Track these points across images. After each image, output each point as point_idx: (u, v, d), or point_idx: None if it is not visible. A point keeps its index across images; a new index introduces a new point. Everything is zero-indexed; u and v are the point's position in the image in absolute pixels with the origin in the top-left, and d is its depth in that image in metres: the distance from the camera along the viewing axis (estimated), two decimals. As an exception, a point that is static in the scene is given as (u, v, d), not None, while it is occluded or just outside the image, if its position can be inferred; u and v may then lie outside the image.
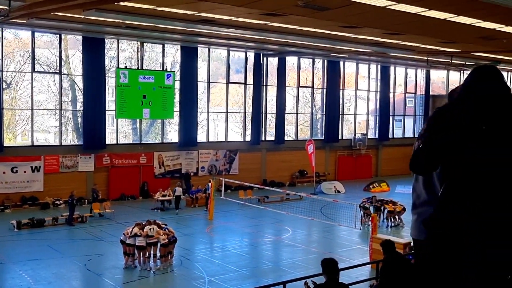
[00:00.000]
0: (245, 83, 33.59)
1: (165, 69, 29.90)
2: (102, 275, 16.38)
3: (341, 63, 37.36)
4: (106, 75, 28.20)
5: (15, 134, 29.69)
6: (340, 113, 37.94)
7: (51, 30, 25.97)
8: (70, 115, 29.37)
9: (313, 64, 36.85)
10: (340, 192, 32.40)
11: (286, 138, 35.22)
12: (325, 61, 36.53)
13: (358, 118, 40.29)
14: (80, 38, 27.28)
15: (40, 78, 27.77)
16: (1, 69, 25.68)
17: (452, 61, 31.12)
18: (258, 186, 29.37)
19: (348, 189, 32.75)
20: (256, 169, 33.58)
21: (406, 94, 43.03)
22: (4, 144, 25.82)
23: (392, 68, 40.59)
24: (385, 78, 39.99)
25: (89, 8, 17.15)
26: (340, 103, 37.85)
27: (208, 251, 19.60)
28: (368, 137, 39.35)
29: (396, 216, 23.62)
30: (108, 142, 28.57)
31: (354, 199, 25.68)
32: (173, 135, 32.16)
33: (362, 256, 18.33)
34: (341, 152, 38.06)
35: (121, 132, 30.52)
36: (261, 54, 33.09)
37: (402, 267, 7.70)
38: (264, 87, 34.18)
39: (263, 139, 34.27)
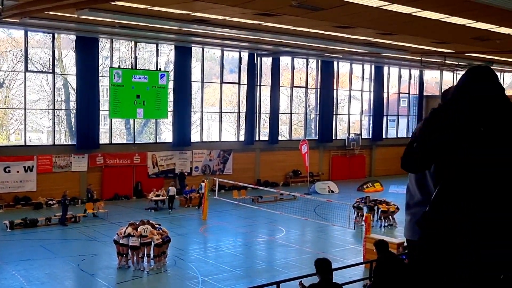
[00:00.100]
0: (239, 83, 33.58)
1: (159, 69, 29.83)
2: (96, 275, 16.34)
3: (335, 63, 37.41)
4: (100, 75, 28.11)
5: (8, 134, 29.54)
6: (334, 113, 37.99)
7: (44, 30, 25.85)
8: (64, 115, 29.26)
9: (307, 64, 36.89)
10: (334, 192, 32.44)
11: (280, 138, 35.23)
12: (319, 61, 36.56)
13: (352, 118, 40.36)
14: (74, 38, 27.17)
15: (33, 78, 27.66)
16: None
17: (446, 62, 31.22)
18: (252, 186, 29.36)
19: (342, 189, 32.79)
20: (250, 169, 33.58)
21: (400, 94, 43.14)
22: (-3, 144, 25.74)
23: (386, 68, 40.69)
24: (379, 78, 40.08)
25: (83, 8, 17.10)
26: (334, 103, 37.90)
27: (202, 251, 19.58)
28: (362, 137, 39.42)
29: (390, 216, 23.68)
30: (102, 142, 28.48)
31: (348, 199, 25.72)
32: (167, 135, 32.10)
33: (356, 256, 18.36)
34: (335, 152, 38.12)
35: (115, 132, 30.45)
36: (255, 54, 33.08)
37: (396, 267, 7.71)
38: (258, 87, 34.17)
39: (257, 139, 34.27)
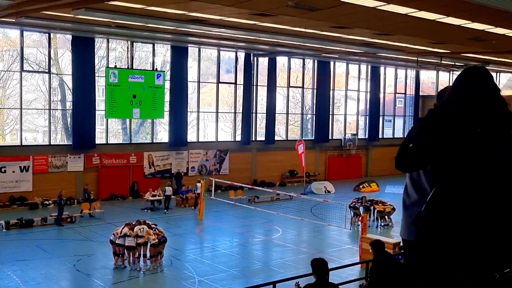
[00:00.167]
0: (236, 83, 33.56)
1: (155, 69, 29.80)
2: (92, 276, 16.30)
3: (331, 63, 37.44)
4: (96, 75, 28.04)
5: (4, 134, 29.49)
6: (330, 113, 38.02)
7: (40, 29, 25.78)
8: (60, 115, 29.21)
9: (304, 64, 36.91)
10: (330, 192, 32.45)
11: (277, 138, 35.25)
12: (316, 61, 36.58)
13: (348, 118, 40.40)
14: (70, 37, 27.09)
15: (29, 77, 27.60)
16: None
17: (442, 62, 31.28)
18: (248, 186, 29.35)
19: (338, 189, 32.80)
20: (247, 169, 33.57)
21: (396, 95, 43.19)
22: (-7, 144, 25.68)
23: (382, 69, 40.75)
24: (375, 79, 40.14)
25: (79, 7, 17.08)
26: (330, 103, 37.93)
27: (198, 251, 19.57)
28: (358, 137, 39.46)
29: (386, 216, 23.71)
30: (98, 142, 28.42)
31: (344, 199, 25.72)
32: (163, 135, 32.06)
33: (352, 256, 18.36)
34: (331, 152, 38.14)
35: (111, 132, 30.41)
36: (252, 54, 33.08)
37: (392, 267, 7.72)
38: (255, 87, 34.17)
39: (254, 139, 34.26)
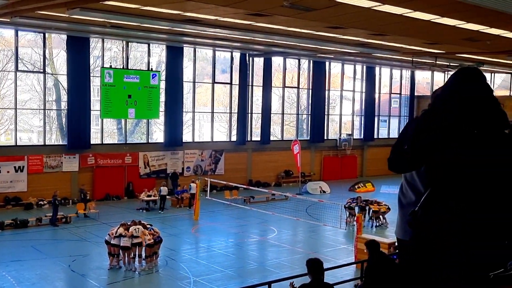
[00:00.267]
0: (231, 83, 33.55)
1: (151, 69, 29.77)
2: (87, 276, 16.27)
3: (327, 64, 37.49)
4: (91, 75, 28.00)
5: (-2, 134, 29.40)
6: (326, 114, 38.07)
7: (35, 29, 25.71)
8: (54, 115, 29.12)
9: (299, 65, 36.94)
10: (326, 192, 32.49)
11: (272, 138, 35.26)
12: (311, 62, 36.62)
13: (344, 119, 40.47)
14: (65, 37, 27.03)
15: (24, 77, 27.52)
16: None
17: (437, 62, 31.38)
18: (244, 186, 29.34)
19: (334, 189, 32.85)
20: (242, 169, 33.57)
21: (391, 95, 43.29)
22: (-13, 144, 25.57)
23: (377, 69, 40.82)
24: (371, 79, 40.21)
25: (74, 7, 17.04)
26: (326, 104, 37.97)
27: (194, 252, 19.56)
28: (354, 138, 39.54)
29: (381, 216, 23.75)
30: (93, 142, 28.38)
31: (340, 199, 25.77)
32: (159, 135, 32.04)
33: (347, 256, 18.39)
34: (327, 152, 38.19)
35: (106, 132, 30.35)
36: (247, 54, 33.09)
37: (387, 267, 7.73)
38: (250, 87, 34.18)
39: (249, 139, 34.26)
